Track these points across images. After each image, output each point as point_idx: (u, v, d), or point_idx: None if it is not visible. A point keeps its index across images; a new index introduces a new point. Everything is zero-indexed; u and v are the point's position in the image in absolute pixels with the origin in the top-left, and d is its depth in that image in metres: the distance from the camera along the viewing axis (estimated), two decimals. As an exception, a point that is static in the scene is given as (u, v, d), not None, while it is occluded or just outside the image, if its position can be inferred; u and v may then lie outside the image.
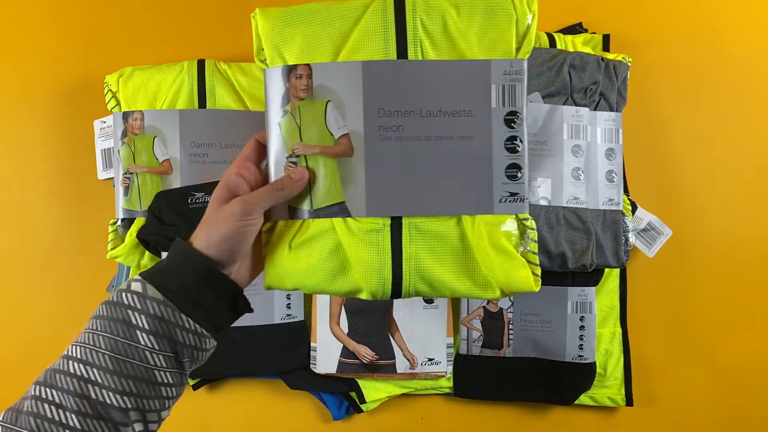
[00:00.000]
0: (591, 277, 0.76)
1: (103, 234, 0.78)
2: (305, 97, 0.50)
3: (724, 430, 0.82)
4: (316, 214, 0.50)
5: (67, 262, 0.83)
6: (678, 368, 0.82)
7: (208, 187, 0.75)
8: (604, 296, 0.80)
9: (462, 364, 0.79)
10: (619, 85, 0.74)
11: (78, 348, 0.42)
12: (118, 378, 0.41)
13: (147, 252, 0.76)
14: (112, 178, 0.79)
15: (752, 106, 0.83)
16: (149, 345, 0.42)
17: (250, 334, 0.75)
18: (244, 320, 0.75)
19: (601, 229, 0.72)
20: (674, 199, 0.82)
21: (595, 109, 0.74)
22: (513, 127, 0.51)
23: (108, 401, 0.40)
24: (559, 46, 0.77)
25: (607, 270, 0.79)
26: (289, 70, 0.50)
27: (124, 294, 0.43)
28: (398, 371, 0.77)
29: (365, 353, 0.77)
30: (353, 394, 0.79)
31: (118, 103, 0.77)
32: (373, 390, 0.79)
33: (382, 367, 0.77)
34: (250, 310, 0.49)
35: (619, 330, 0.80)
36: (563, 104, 0.71)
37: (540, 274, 0.52)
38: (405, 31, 0.50)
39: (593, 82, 0.72)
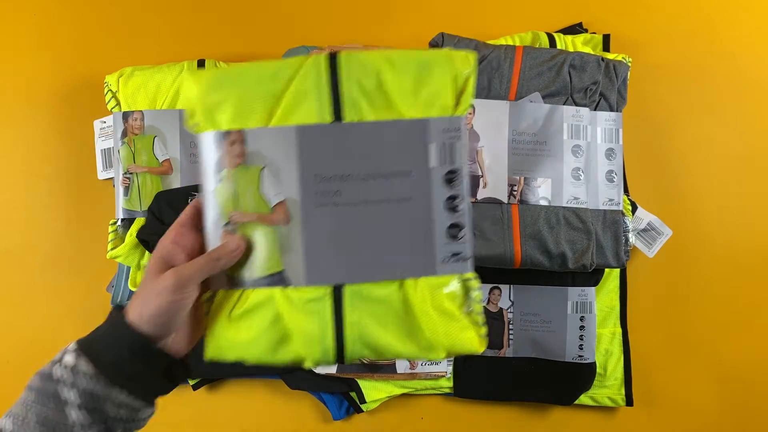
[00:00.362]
0: (591, 277, 0.76)
1: (103, 234, 0.78)
2: (240, 163, 0.49)
3: (724, 430, 0.82)
4: (255, 283, 0.48)
5: (67, 262, 0.83)
6: (678, 368, 0.82)
7: (208, 187, 0.75)
8: (604, 296, 0.80)
9: (462, 364, 0.79)
10: (619, 85, 0.74)
11: (9, 420, 0.41)
12: None
13: (147, 252, 0.76)
14: (112, 178, 0.79)
15: (752, 106, 0.83)
16: (79, 420, 0.41)
17: (250, 334, 0.75)
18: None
19: (601, 229, 0.72)
20: (674, 199, 0.82)
21: (595, 109, 0.74)
22: (453, 186, 0.49)
23: None
24: (559, 46, 0.77)
25: (607, 270, 0.79)
26: (222, 136, 0.48)
27: (56, 367, 0.42)
28: (398, 371, 0.77)
29: (365, 353, 0.77)
30: (353, 394, 0.79)
31: (118, 103, 0.77)
32: (373, 390, 0.79)
33: (382, 367, 0.77)
34: (187, 379, 0.48)
35: (619, 330, 0.80)
36: (563, 104, 0.71)
37: (486, 334, 0.50)
38: (339, 92, 0.49)
39: (593, 82, 0.72)
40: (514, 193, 0.70)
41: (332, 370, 0.77)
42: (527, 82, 0.71)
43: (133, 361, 0.43)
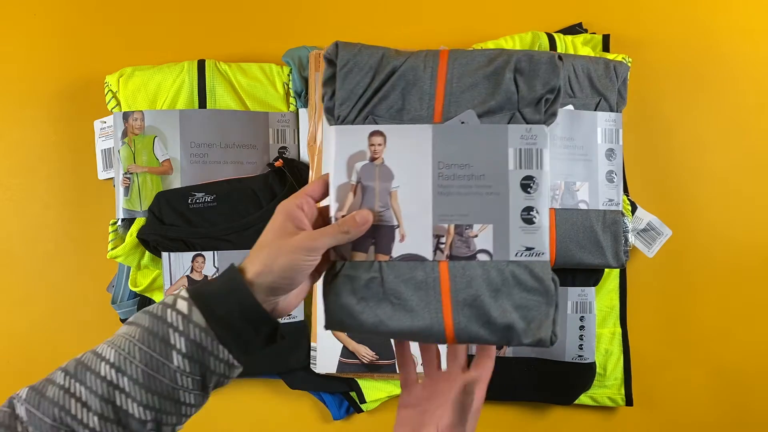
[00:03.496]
0: (590, 277, 0.76)
1: (103, 234, 0.78)
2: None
3: (724, 430, 0.82)
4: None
5: (67, 262, 0.83)
6: (678, 368, 0.82)
7: (208, 187, 0.75)
8: (604, 296, 0.80)
9: (462, 364, 0.78)
10: (619, 85, 0.74)
11: (113, 351, 0.42)
12: (145, 392, 0.42)
13: (147, 252, 0.76)
14: (112, 178, 0.79)
15: (751, 106, 0.83)
16: (181, 367, 0.42)
17: (250, 334, 0.75)
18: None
19: (601, 229, 0.72)
20: (674, 199, 0.82)
21: (595, 110, 0.73)
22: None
23: (131, 411, 0.41)
24: (559, 47, 0.76)
25: (607, 270, 0.79)
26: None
27: (168, 310, 0.43)
28: (398, 371, 0.77)
29: (365, 353, 0.77)
30: (353, 394, 0.79)
31: (119, 103, 0.77)
32: (373, 390, 0.79)
33: (382, 367, 0.77)
34: (284, 339, 0.49)
35: (618, 330, 0.80)
36: (508, 123, 0.51)
37: None
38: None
39: (549, 90, 0.50)
40: (441, 246, 0.51)
41: (332, 369, 0.77)
42: (456, 97, 0.51)
43: (244, 323, 0.45)
